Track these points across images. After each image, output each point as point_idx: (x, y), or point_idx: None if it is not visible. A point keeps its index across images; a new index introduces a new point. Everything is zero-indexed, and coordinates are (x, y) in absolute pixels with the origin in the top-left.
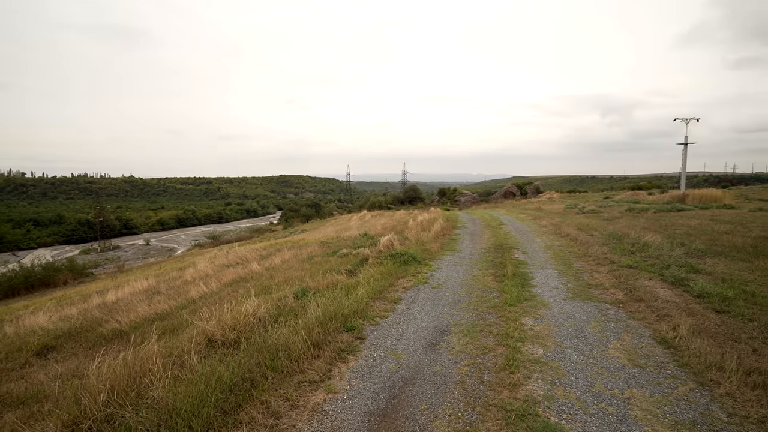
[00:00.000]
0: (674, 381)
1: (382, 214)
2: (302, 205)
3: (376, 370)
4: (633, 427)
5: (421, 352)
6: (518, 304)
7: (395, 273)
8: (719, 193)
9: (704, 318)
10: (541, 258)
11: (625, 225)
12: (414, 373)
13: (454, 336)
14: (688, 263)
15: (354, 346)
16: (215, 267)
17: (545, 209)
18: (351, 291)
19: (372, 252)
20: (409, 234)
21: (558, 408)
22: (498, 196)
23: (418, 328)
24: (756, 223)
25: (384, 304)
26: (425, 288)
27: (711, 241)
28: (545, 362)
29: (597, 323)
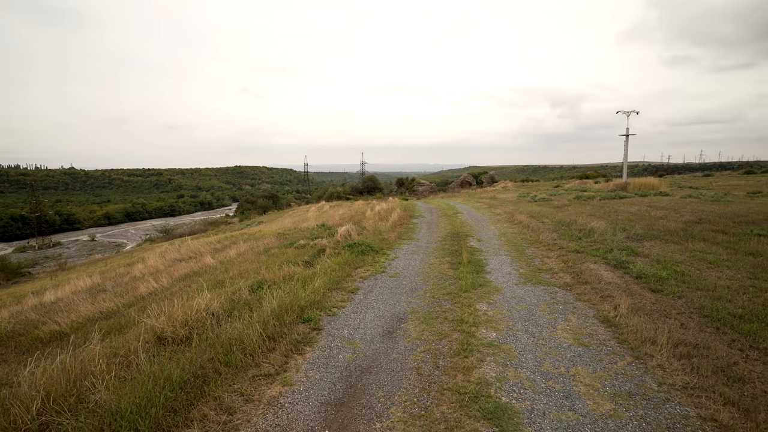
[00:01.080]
0: (614, 357)
1: (341, 205)
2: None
3: (333, 360)
4: (576, 402)
5: (378, 341)
6: (473, 290)
7: (353, 263)
8: (656, 182)
9: (641, 297)
10: (495, 245)
11: (573, 212)
12: (371, 362)
13: (411, 323)
14: (628, 247)
15: (311, 338)
16: (166, 262)
17: (500, 198)
18: (308, 282)
19: (329, 242)
20: (366, 224)
21: (509, 388)
22: (455, 186)
23: (375, 317)
24: (686, 209)
25: (341, 295)
26: (383, 277)
27: (648, 225)
28: (498, 345)
29: (546, 306)
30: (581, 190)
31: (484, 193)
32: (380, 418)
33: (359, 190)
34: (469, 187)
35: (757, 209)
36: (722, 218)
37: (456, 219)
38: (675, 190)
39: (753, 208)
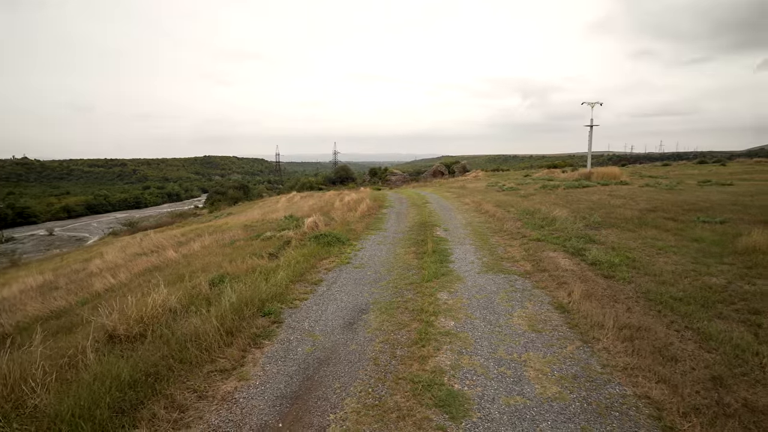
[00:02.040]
0: (564, 341)
1: (312, 195)
2: (229, 188)
3: (291, 353)
4: (525, 386)
5: (338, 332)
6: (435, 279)
7: (318, 254)
8: (617, 171)
9: (594, 283)
10: (461, 234)
11: (538, 201)
12: (330, 354)
13: (372, 314)
14: (586, 235)
15: (270, 331)
16: (126, 256)
17: (469, 187)
18: (271, 275)
19: (296, 234)
20: (335, 214)
21: (462, 376)
22: (427, 175)
23: (337, 309)
24: (643, 197)
25: (304, 287)
26: (347, 268)
27: (607, 214)
28: (455, 334)
29: (505, 294)
30: (548, 180)
31: (455, 183)
32: (334, 409)
33: (332, 180)
34: (441, 176)
35: (704, 197)
36: (674, 206)
37: (425, 209)
38: (635, 179)
39: (701, 196)
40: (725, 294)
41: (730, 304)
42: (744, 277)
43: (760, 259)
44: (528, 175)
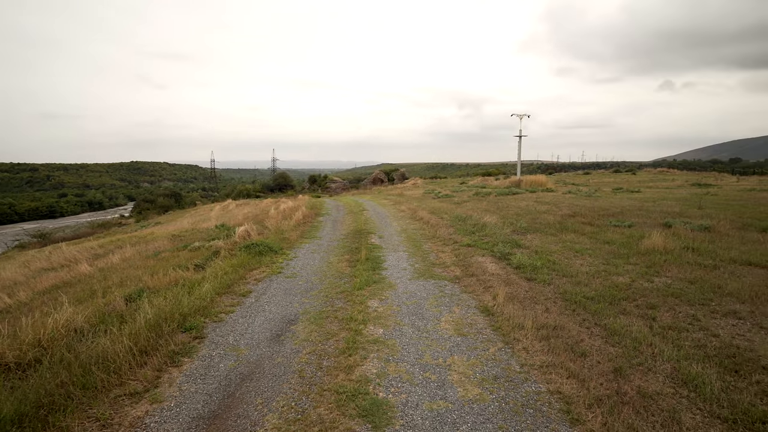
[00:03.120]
0: (488, 344)
1: (248, 203)
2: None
3: (212, 370)
4: (448, 391)
5: (264, 345)
6: (367, 287)
7: (248, 264)
8: (544, 179)
9: (518, 286)
10: (395, 241)
11: (470, 208)
12: (254, 368)
13: (301, 325)
14: (513, 240)
15: (191, 347)
16: (30, 272)
17: (406, 195)
18: (196, 287)
19: (226, 244)
20: (269, 223)
21: (388, 383)
22: (367, 183)
23: (265, 320)
24: (565, 204)
25: (231, 299)
26: (278, 278)
27: (532, 219)
28: (383, 341)
29: (434, 299)
30: (481, 187)
31: (394, 190)
32: (254, 426)
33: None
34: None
35: (617, 203)
36: (591, 212)
37: (361, 216)
38: (559, 186)
39: (615, 202)
40: (629, 291)
41: (633, 301)
42: (644, 276)
43: (658, 258)
44: (463, 183)
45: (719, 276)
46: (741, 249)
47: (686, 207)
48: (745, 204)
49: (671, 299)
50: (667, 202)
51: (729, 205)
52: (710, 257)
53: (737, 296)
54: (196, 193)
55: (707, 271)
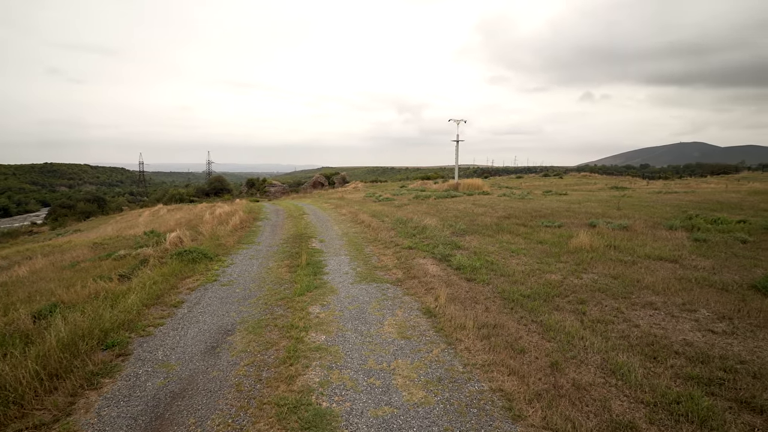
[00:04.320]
0: (431, 345)
1: (181, 208)
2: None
3: (138, 390)
4: (393, 395)
5: (198, 359)
6: (308, 293)
7: (180, 273)
8: (480, 183)
9: (458, 287)
10: (336, 245)
11: (410, 211)
12: (186, 385)
13: (238, 335)
14: (452, 241)
15: (113, 366)
16: None
17: (347, 198)
18: (120, 299)
19: (156, 251)
20: (203, 228)
21: (331, 392)
22: (307, 187)
23: (199, 332)
24: (500, 206)
25: (161, 310)
26: (214, 286)
27: (471, 221)
28: (326, 348)
29: (377, 303)
30: (421, 190)
31: (335, 194)
32: None
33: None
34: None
35: (547, 205)
36: (524, 213)
37: (301, 220)
38: (495, 189)
39: (545, 204)
40: (561, 288)
41: (565, 297)
42: (574, 273)
43: (585, 256)
44: (404, 186)
45: (637, 271)
46: (653, 245)
47: (607, 208)
48: (654, 205)
49: (598, 294)
50: (590, 204)
51: (642, 206)
52: (629, 254)
53: (652, 289)
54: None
55: (627, 266)
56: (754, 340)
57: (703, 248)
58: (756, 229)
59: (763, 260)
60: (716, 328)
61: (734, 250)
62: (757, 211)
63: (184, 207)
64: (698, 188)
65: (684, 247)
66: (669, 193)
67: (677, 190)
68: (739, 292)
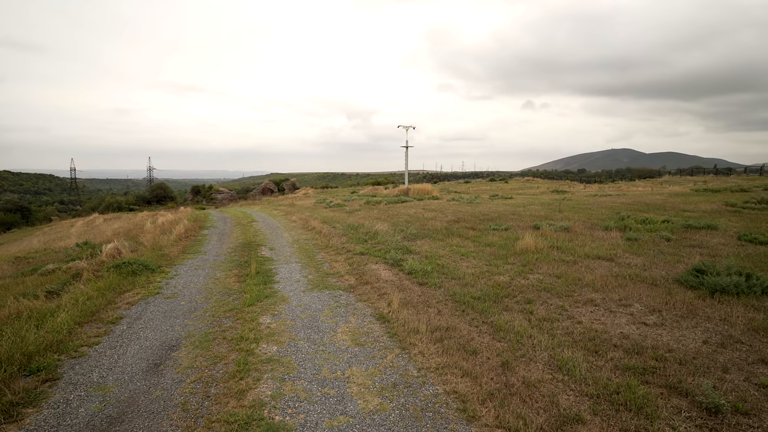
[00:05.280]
0: (385, 351)
1: (119, 217)
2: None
3: (68, 417)
4: (348, 404)
5: (139, 379)
6: (258, 302)
7: (119, 287)
8: (430, 188)
9: (411, 291)
10: (287, 253)
11: (362, 216)
12: (125, 407)
13: (184, 350)
14: (404, 246)
15: (38, 393)
16: None
17: (298, 204)
18: (47, 318)
19: (90, 264)
20: (144, 239)
21: (284, 405)
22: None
23: (140, 350)
24: (450, 210)
25: (97, 328)
26: (156, 299)
27: (421, 226)
28: (278, 359)
29: (330, 310)
30: (372, 196)
31: (284, 200)
32: None
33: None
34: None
35: (494, 209)
36: (473, 217)
37: (250, 228)
38: (444, 194)
39: (492, 208)
40: (509, 289)
41: (513, 298)
42: (521, 273)
43: (531, 257)
44: (354, 192)
45: (578, 270)
46: (591, 245)
47: (550, 211)
48: (591, 207)
49: (544, 293)
50: (534, 207)
51: (580, 209)
52: (570, 254)
53: (592, 286)
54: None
55: (569, 266)
56: (679, 330)
57: (635, 247)
58: (677, 227)
59: (684, 256)
60: (648, 320)
61: (660, 248)
62: (678, 211)
63: (123, 216)
64: (629, 191)
65: (618, 246)
66: (604, 196)
67: (611, 193)
68: (666, 286)
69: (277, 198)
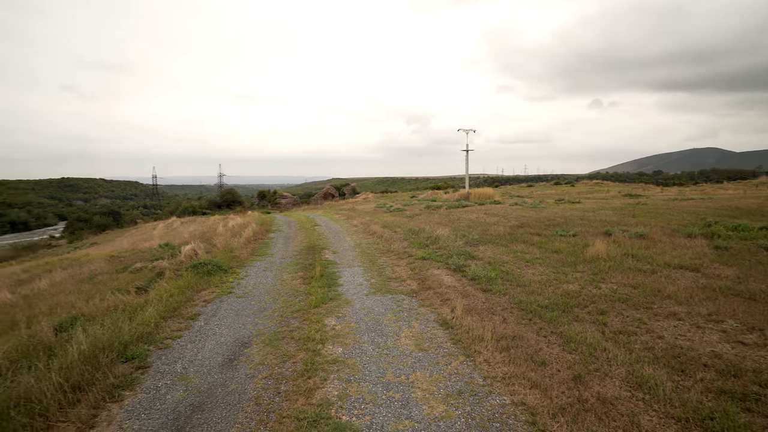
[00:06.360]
0: (449, 358)
1: (194, 220)
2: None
3: (158, 402)
4: (413, 409)
5: (216, 372)
6: (323, 305)
7: (196, 285)
8: (491, 192)
9: (474, 298)
10: (349, 256)
11: (422, 221)
12: (205, 397)
13: (255, 347)
14: (466, 251)
15: (133, 379)
16: None
17: (358, 209)
18: (138, 312)
19: (171, 264)
20: (217, 241)
21: (350, 406)
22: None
23: (216, 345)
24: (513, 215)
25: (179, 323)
26: (229, 298)
27: (483, 231)
28: (343, 360)
29: (393, 314)
30: (432, 201)
31: (345, 205)
32: None
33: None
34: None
35: (560, 214)
36: (537, 222)
37: (314, 232)
38: (506, 198)
39: (558, 213)
40: (580, 299)
41: (584, 308)
42: (592, 282)
43: (602, 265)
44: (414, 197)
45: (657, 280)
46: (672, 254)
47: (622, 216)
48: (671, 212)
49: (618, 304)
50: (604, 212)
51: (658, 214)
52: (648, 262)
53: (675, 298)
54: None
55: (646, 275)
56: None
57: (725, 256)
58: None
59: None
60: (746, 339)
61: (759, 258)
62: None
63: (197, 219)
64: (715, 194)
65: (705, 256)
66: (685, 200)
67: (694, 197)
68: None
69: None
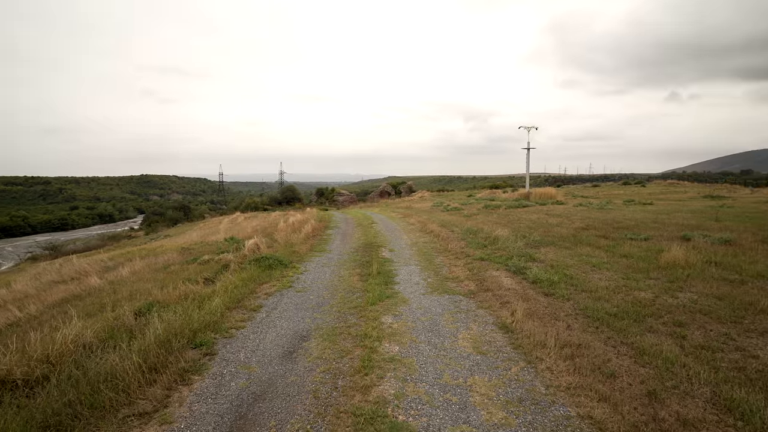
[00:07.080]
0: (509, 363)
1: (256, 216)
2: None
3: (223, 389)
4: (471, 413)
5: (276, 363)
6: (380, 302)
7: (258, 278)
8: (554, 192)
9: (536, 302)
10: (406, 255)
11: (480, 221)
12: (266, 387)
13: (314, 341)
14: (527, 253)
15: (201, 365)
16: (41, 285)
17: (415, 207)
18: (205, 302)
19: (235, 257)
20: (278, 236)
21: (407, 405)
22: (374, 196)
23: (276, 337)
24: (577, 216)
25: (242, 314)
26: (289, 292)
27: (545, 232)
28: (400, 359)
29: (450, 315)
30: (490, 200)
31: (402, 203)
32: None
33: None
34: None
35: (630, 216)
36: (604, 224)
37: (371, 229)
38: (569, 199)
39: (627, 215)
40: (653, 308)
41: (659, 318)
42: (668, 291)
43: (680, 273)
44: (471, 196)
45: (748, 292)
46: (766, 263)
47: (702, 219)
48: (763, 216)
49: (700, 316)
50: (681, 215)
51: (747, 218)
52: (736, 272)
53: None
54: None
55: (735, 286)
56: None
57: None
58: None
59: None
60: None
61: None
62: None
63: (259, 215)
64: None
65: None
66: None
67: None
68: None
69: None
